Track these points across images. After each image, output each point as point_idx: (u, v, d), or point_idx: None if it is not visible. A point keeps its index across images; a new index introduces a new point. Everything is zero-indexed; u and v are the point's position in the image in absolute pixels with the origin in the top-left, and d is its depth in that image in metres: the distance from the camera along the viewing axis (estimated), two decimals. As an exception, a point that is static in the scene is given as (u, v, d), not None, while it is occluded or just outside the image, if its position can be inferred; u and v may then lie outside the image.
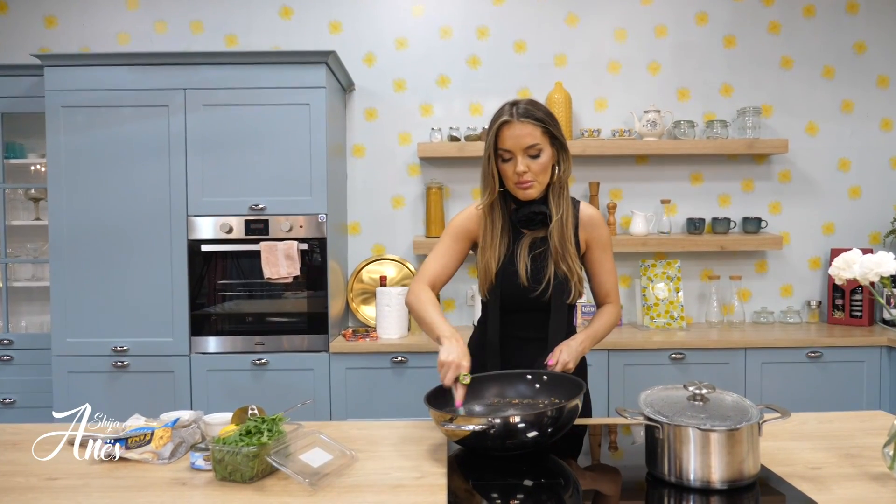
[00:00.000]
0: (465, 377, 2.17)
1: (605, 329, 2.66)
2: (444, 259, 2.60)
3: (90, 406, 2.23)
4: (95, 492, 1.80)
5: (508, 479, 1.91)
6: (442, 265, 2.60)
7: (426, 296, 2.50)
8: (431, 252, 2.63)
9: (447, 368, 2.16)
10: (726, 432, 1.74)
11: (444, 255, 2.60)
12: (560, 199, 2.50)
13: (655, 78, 4.91)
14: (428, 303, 2.47)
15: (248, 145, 4.22)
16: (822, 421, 2.42)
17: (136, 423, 2.22)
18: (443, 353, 2.19)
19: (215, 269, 4.28)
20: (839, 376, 4.32)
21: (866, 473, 1.88)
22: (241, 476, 1.84)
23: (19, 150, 4.67)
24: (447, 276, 2.62)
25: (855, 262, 1.83)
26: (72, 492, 1.81)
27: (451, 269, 2.62)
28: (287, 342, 4.29)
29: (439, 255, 2.61)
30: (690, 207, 4.94)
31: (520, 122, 2.36)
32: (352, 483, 1.85)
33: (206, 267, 4.27)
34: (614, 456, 2.24)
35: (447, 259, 2.60)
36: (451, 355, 2.17)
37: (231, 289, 4.31)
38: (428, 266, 2.60)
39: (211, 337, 4.28)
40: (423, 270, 2.59)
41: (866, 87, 4.95)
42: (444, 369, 2.17)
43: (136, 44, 4.86)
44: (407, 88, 4.90)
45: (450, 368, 2.16)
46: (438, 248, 2.62)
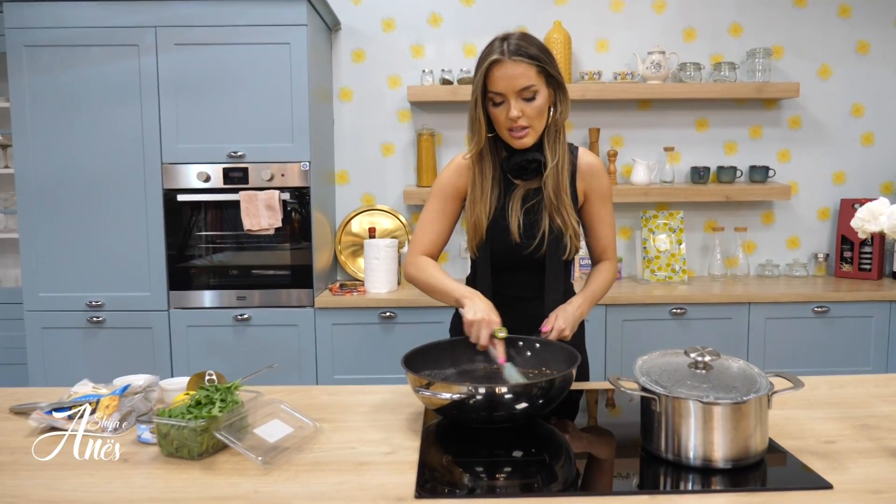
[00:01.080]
0: (501, 331, 2.04)
1: (604, 289, 2.45)
2: (436, 224, 2.39)
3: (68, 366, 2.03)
4: (24, 470, 1.61)
5: (494, 451, 1.72)
6: (436, 231, 2.39)
7: (425, 262, 2.32)
8: (421, 216, 2.42)
9: (478, 327, 2.02)
10: (731, 406, 1.54)
11: (436, 219, 2.40)
12: (556, 145, 2.26)
13: (660, 17, 4.66)
14: (431, 269, 2.29)
15: (226, 88, 3.99)
16: (833, 386, 2.21)
17: (82, 390, 2.01)
18: (468, 313, 2.05)
19: (193, 220, 4.09)
20: (846, 332, 4.15)
21: (885, 448, 1.68)
22: (189, 452, 1.64)
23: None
24: (443, 242, 2.42)
25: (882, 212, 1.59)
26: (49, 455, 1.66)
27: (445, 233, 2.42)
28: (270, 297, 4.10)
29: (431, 220, 2.40)
30: (695, 155, 4.72)
31: (512, 61, 2.11)
32: (312, 459, 1.65)
33: (184, 218, 4.07)
34: (611, 413, 2.07)
35: (440, 224, 2.40)
36: (478, 313, 2.03)
37: (211, 241, 4.12)
38: (420, 234, 2.39)
39: (190, 291, 4.10)
40: (416, 239, 2.39)
41: (884, 26, 4.69)
42: (476, 329, 2.03)
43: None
44: (396, 28, 4.65)
45: (481, 326, 2.02)
46: (428, 211, 2.40)
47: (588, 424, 2.03)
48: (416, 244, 2.38)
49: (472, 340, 2.04)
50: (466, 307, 2.07)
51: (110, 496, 1.48)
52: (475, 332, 2.02)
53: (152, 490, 1.51)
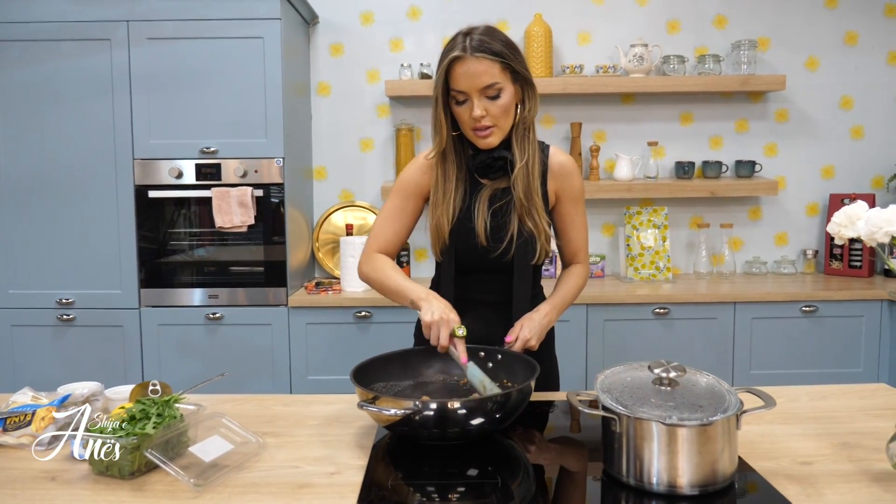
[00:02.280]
0: (460, 329, 1.95)
1: (574, 294, 2.37)
2: (395, 222, 2.30)
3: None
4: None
5: (447, 470, 1.63)
6: (394, 230, 2.30)
7: (381, 262, 2.22)
8: (380, 213, 2.33)
9: (437, 328, 1.93)
10: (697, 427, 1.44)
11: (395, 217, 2.31)
12: (525, 143, 2.17)
13: (643, 9, 4.57)
14: (387, 268, 2.19)
15: (198, 83, 3.91)
16: (814, 397, 2.11)
17: (21, 399, 1.91)
18: (425, 315, 1.96)
19: (165, 216, 4.01)
20: (836, 333, 4.05)
21: (866, 472, 1.58)
22: (120, 471, 1.54)
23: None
24: (401, 241, 2.33)
25: (860, 217, 1.49)
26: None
27: (403, 232, 2.32)
28: (243, 295, 4.02)
29: (388, 218, 2.31)
30: (679, 150, 4.64)
31: (474, 58, 2.00)
32: (250, 480, 1.55)
33: (156, 214, 3.99)
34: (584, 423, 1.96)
35: (398, 222, 2.31)
36: (435, 314, 1.94)
37: (183, 238, 4.04)
38: (377, 231, 2.30)
39: (162, 289, 4.02)
40: (373, 237, 2.30)
41: (873, 16, 4.60)
42: (434, 330, 1.94)
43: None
44: (375, 21, 4.55)
45: (440, 326, 1.93)
46: (387, 209, 2.32)
47: (556, 436, 1.94)
48: (372, 241, 2.29)
49: (433, 343, 1.94)
50: (423, 309, 1.98)
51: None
52: (434, 334, 1.93)
53: (75, 514, 1.42)
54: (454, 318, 1.94)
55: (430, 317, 1.94)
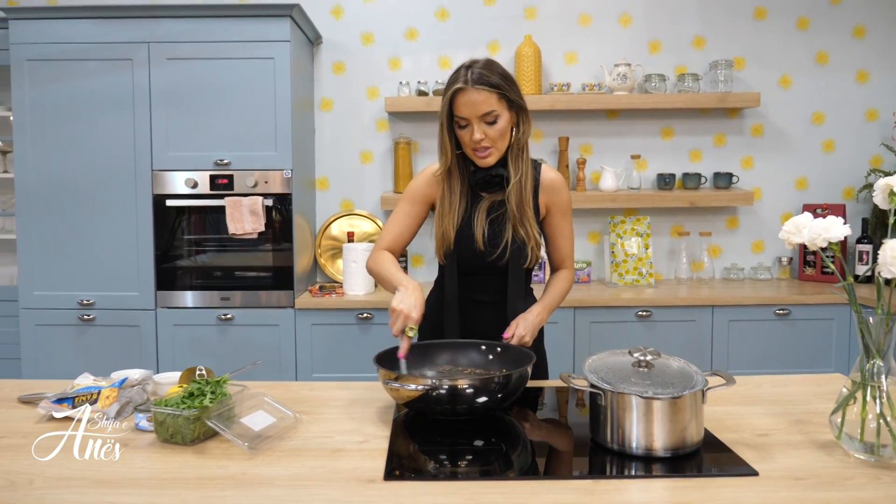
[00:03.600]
0: (411, 329, 2.14)
1: (561, 297, 2.67)
2: (400, 225, 2.60)
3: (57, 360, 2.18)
4: (37, 451, 1.77)
5: (458, 441, 1.90)
6: (398, 231, 2.59)
7: (383, 256, 2.51)
8: (391, 216, 2.63)
9: (396, 317, 2.14)
10: (669, 400, 1.72)
11: (402, 220, 2.60)
12: (519, 162, 2.46)
13: (626, 30, 4.85)
14: (385, 261, 2.47)
15: (213, 100, 4.18)
16: (776, 385, 2.40)
17: (84, 382, 2.18)
18: (395, 300, 2.17)
19: (181, 224, 4.26)
20: (807, 334, 4.30)
21: (813, 441, 1.86)
22: (183, 438, 1.81)
23: (-16, 101, 4.60)
24: (405, 241, 2.61)
25: (804, 226, 1.79)
26: (13, 451, 1.80)
27: (408, 233, 2.61)
28: (253, 298, 4.28)
29: (397, 221, 2.60)
30: (661, 162, 4.91)
31: (474, 89, 2.30)
32: (292, 446, 1.83)
33: (172, 222, 4.24)
34: (581, 413, 2.21)
35: (404, 224, 2.60)
36: (402, 303, 2.15)
37: (197, 244, 4.30)
38: (386, 231, 2.60)
39: (177, 292, 4.28)
40: (382, 236, 2.59)
41: (842, 37, 4.89)
42: (394, 317, 2.15)
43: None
44: (375, 41, 4.83)
45: (399, 318, 2.14)
46: (397, 213, 2.61)
47: (547, 415, 2.22)
48: (380, 240, 2.58)
49: (390, 326, 2.16)
50: (397, 293, 2.20)
51: (115, 475, 1.66)
52: (393, 319, 2.14)
53: (151, 470, 1.69)
54: (414, 318, 2.14)
55: (397, 303, 2.15)
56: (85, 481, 1.63)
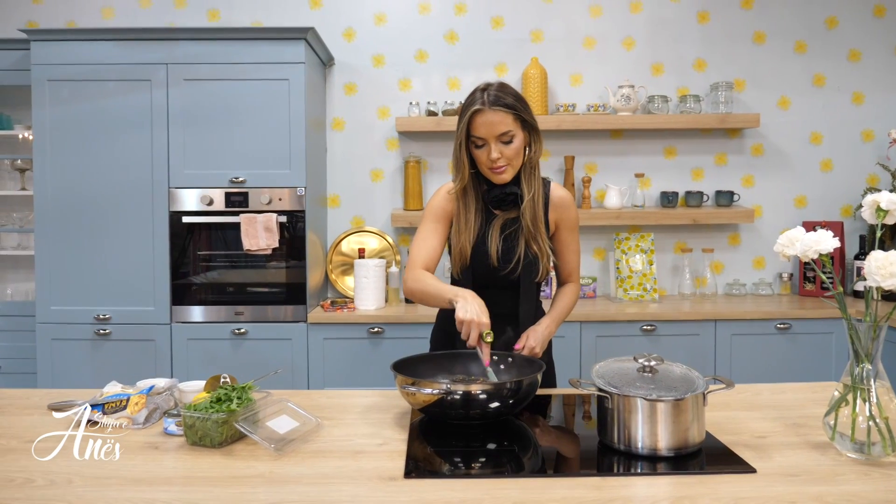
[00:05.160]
0: (489, 335, 2.19)
1: (568, 310, 2.77)
2: (430, 241, 2.63)
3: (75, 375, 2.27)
4: (72, 455, 1.87)
5: (471, 444, 1.99)
6: (431, 247, 2.63)
7: (423, 274, 2.53)
8: (416, 236, 2.66)
9: (468, 327, 2.18)
10: (672, 402, 1.83)
11: (430, 237, 2.64)
12: (531, 180, 2.56)
13: (630, 53, 4.97)
14: (427, 279, 2.49)
15: (229, 119, 4.28)
16: (775, 392, 2.50)
17: (112, 390, 2.29)
18: (460, 311, 2.19)
19: (196, 240, 4.35)
20: (808, 348, 4.38)
21: (808, 442, 1.96)
22: (211, 441, 1.92)
23: (6, 121, 4.73)
24: (437, 257, 2.65)
25: (797, 239, 1.91)
26: (49, 454, 1.88)
27: (438, 249, 2.66)
28: (266, 312, 4.36)
29: (426, 238, 2.64)
30: (664, 181, 5.01)
31: (492, 111, 2.40)
32: (316, 448, 1.93)
33: (188, 238, 4.34)
34: (588, 425, 2.28)
35: (433, 241, 2.63)
36: (468, 312, 2.18)
37: (212, 260, 4.39)
38: (417, 251, 2.62)
39: (192, 307, 4.36)
40: (414, 257, 2.61)
41: (838, 60, 5.01)
42: (466, 328, 2.18)
43: (120, 18, 4.90)
44: (386, 63, 4.95)
45: (471, 326, 2.17)
46: (423, 231, 2.65)
47: (555, 423, 2.32)
48: (413, 260, 2.60)
49: (463, 338, 2.20)
50: (458, 305, 2.22)
51: (149, 474, 1.76)
52: (465, 331, 2.18)
53: (182, 470, 1.80)
54: (485, 322, 2.18)
55: (463, 314, 2.17)
56: (122, 479, 1.73)
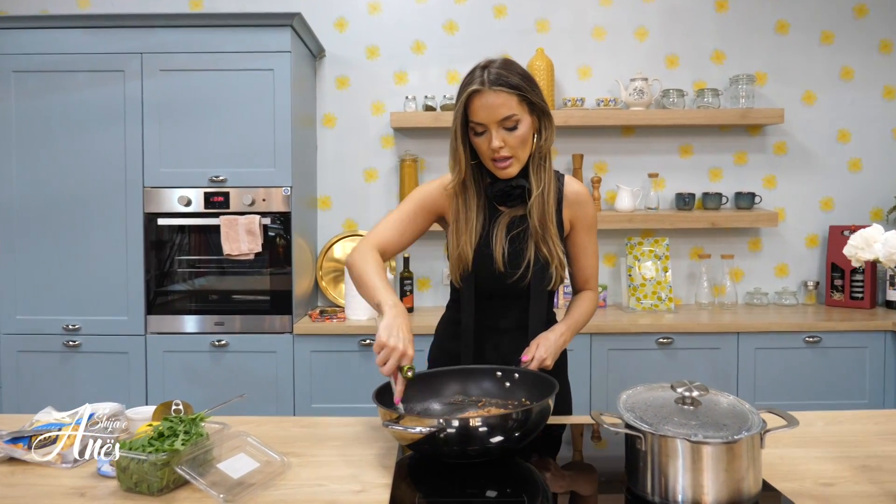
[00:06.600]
0: (409, 370, 1.83)
1: (586, 318, 2.39)
2: (400, 227, 2.25)
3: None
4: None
5: (467, 490, 1.64)
6: (398, 232, 2.24)
7: (372, 257, 2.13)
8: (389, 214, 2.28)
9: (387, 354, 1.81)
10: (722, 445, 1.46)
11: (403, 222, 2.25)
12: (541, 172, 2.19)
13: (643, 44, 4.67)
14: (372, 263, 2.10)
15: (209, 113, 4.00)
16: (830, 422, 2.13)
17: (45, 419, 1.93)
18: (383, 333, 1.83)
19: (173, 244, 4.06)
20: (840, 364, 4.07)
21: (889, 493, 1.60)
22: (149, 487, 1.56)
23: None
24: (400, 247, 2.27)
25: (876, 240, 1.53)
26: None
27: (406, 240, 2.27)
28: (249, 323, 4.06)
29: (397, 222, 2.25)
30: (679, 182, 4.70)
31: (492, 91, 2.03)
32: (277, 497, 1.58)
33: (164, 242, 4.05)
34: (598, 446, 1.97)
35: (404, 229, 2.25)
36: (392, 338, 1.81)
37: (190, 265, 4.09)
38: (381, 229, 2.24)
39: (168, 316, 4.07)
40: (375, 232, 2.23)
41: (867, 52, 4.70)
42: (384, 354, 1.81)
43: (96, 6, 4.63)
44: (380, 55, 4.65)
45: (391, 355, 1.80)
46: (398, 211, 2.27)
47: (571, 460, 1.95)
48: (372, 235, 2.22)
49: (378, 363, 1.83)
50: (384, 322, 1.87)
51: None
52: (383, 357, 1.82)
53: (107, 528, 1.44)
54: (409, 355, 1.83)
55: (386, 337, 1.82)
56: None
